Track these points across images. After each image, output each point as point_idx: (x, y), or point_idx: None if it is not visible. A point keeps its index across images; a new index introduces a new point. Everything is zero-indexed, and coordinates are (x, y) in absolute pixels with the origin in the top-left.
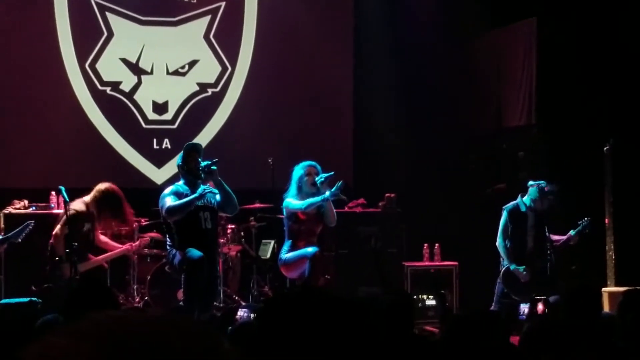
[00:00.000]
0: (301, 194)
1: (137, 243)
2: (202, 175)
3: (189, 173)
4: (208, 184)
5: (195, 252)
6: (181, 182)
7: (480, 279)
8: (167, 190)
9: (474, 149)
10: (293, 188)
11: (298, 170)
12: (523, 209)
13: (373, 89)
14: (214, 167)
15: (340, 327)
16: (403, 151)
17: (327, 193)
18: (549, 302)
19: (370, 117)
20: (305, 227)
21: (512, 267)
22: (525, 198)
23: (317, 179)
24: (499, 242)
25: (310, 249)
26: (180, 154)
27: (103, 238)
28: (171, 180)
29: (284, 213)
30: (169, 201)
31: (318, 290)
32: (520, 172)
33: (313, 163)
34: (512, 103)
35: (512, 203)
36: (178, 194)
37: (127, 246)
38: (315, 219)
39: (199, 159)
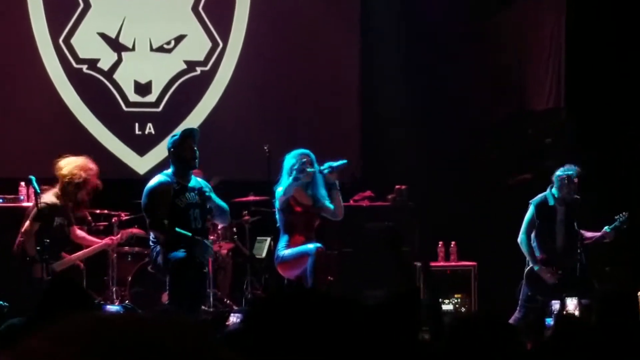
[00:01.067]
0: (295, 184)
1: (117, 236)
2: (195, 166)
3: (181, 162)
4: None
5: (180, 252)
6: (170, 171)
7: (502, 281)
8: (153, 182)
9: (494, 135)
10: (285, 179)
11: (289, 160)
12: (552, 202)
13: (382, 69)
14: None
15: (337, 332)
16: (415, 138)
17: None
18: (581, 303)
19: (379, 99)
20: (301, 219)
21: (537, 267)
22: (553, 190)
23: (324, 167)
24: (521, 238)
25: (312, 245)
26: (172, 137)
27: (80, 233)
28: (155, 170)
29: (276, 205)
30: (155, 207)
31: (313, 291)
32: (546, 160)
33: (306, 151)
34: (537, 84)
35: (539, 196)
36: (163, 191)
37: (106, 240)
38: (313, 211)
39: (195, 148)
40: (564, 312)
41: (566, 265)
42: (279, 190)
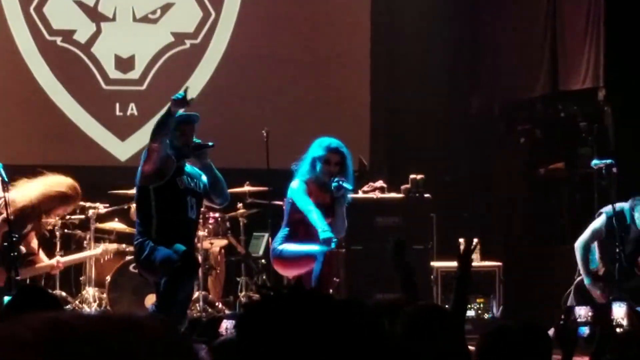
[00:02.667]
0: (312, 176)
1: (62, 262)
2: (190, 155)
3: (173, 149)
4: (191, 165)
5: (182, 251)
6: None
7: (531, 284)
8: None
9: (521, 118)
10: (305, 164)
11: (317, 149)
12: (628, 220)
13: (396, 41)
14: (210, 144)
15: (342, 341)
16: (432, 121)
17: (327, 236)
18: (636, 312)
19: (391, 77)
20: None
21: (588, 281)
22: (635, 213)
23: (333, 182)
24: (580, 244)
25: (319, 247)
26: None
27: (34, 244)
28: (138, 156)
29: (288, 197)
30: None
31: (315, 294)
32: (581, 147)
33: (338, 147)
34: (572, 60)
35: (614, 207)
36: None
37: (52, 262)
38: (326, 209)
39: (193, 135)
40: (612, 321)
41: (622, 287)
42: (295, 188)
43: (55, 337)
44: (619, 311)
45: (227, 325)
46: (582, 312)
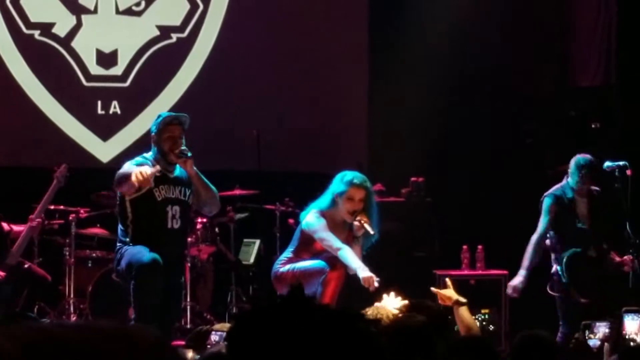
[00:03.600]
0: (332, 212)
1: (36, 221)
2: (175, 162)
3: (159, 152)
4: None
5: (147, 253)
6: (150, 155)
7: (539, 294)
8: (130, 162)
9: (529, 117)
10: (325, 201)
11: (340, 185)
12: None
13: (395, 38)
14: (189, 154)
15: (338, 354)
16: (434, 121)
17: (363, 271)
18: None
19: (391, 75)
20: (326, 252)
21: (522, 272)
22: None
23: (355, 222)
24: (534, 238)
25: (321, 263)
26: (157, 118)
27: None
28: (121, 158)
29: (304, 227)
30: (122, 170)
31: (310, 302)
32: (592, 148)
33: (363, 183)
34: (583, 56)
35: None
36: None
37: (27, 226)
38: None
39: (182, 138)
40: (625, 336)
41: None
42: (312, 218)
43: (38, 347)
44: (631, 325)
45: (215, 338)
46: (601, 328)
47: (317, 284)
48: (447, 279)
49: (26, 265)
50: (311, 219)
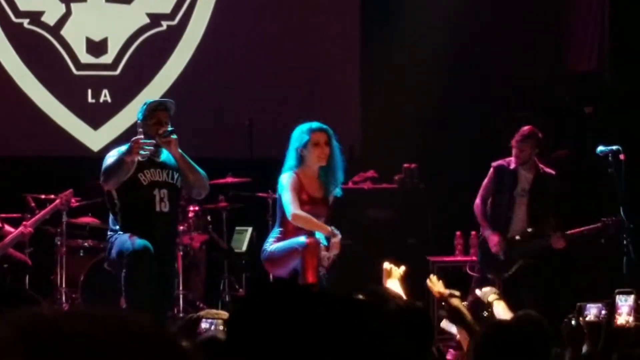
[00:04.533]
0: (303, 167)
1: (28, 230)
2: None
3: (147, 137)
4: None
5: (138, 240)
6: None
7: (532, 277)
8: (114, 151)
9: (523, 103)
10: (291, 159)
11: (300, 136)
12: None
13: (387, 24)
14: (173, 135)
15: (338, 338)
16: (428, 107)
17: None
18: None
19: (383, 60)
20: (304, 210)
21: (486, 231)
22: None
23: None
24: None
25: (302, 238)
26: (143, 104)
27: None
28: (112, 146)
29: (278, 192)
30: (109, 162)
31: (307, 288)
32: (586, 133)
33: (324, 127)
34: (577, 42)
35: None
36: None
37: (18, 231)
38: (322, 204)
39: (168, 123)
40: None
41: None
42: (284, 183)
43: (36, 335)
44: (624, 307)
45: (206, 326)
46: (593, 310)
47: (298, 262)
48: (431, 276)
49: (5, 265)
50: (282, 179)
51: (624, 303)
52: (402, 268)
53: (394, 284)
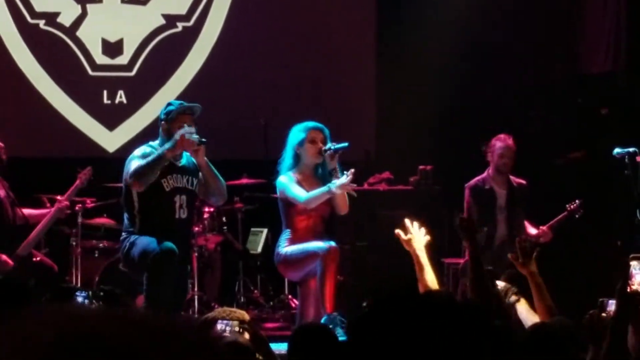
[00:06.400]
0: (299, 167)
1: (65, 195)
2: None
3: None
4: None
5: (164, 241)
6: (156, 143)
7: (548, 282)
8: (137, 151)
9: (537, 105)
10: (288, 158)
11: (297, 134)
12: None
13: (404, 24)
14: (203, 141)
15: (460, 347)
16: (442, 109)
17: (333, 183)
18: None
19: (399, 62)
20: (307, 209)
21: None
22: None
23: (324, 148)
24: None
25: (322, 244)
26: (167, 105)
27: (26, 211)
28: (127, 147)
29: (278, 193)
30: (135, 164)
31: (432, 297)
32: (601, 135)
33: (320, 126)
34: (591, 43)
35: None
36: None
37: (55, 207)
38: (324, 201)
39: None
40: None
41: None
42: (283, 181)
43: (73, 339)
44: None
45: (221, 327)
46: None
47: (315, 266)
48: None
49: (37, 259)
50: (281, 180)
51: (638, 272)
52: (423, 232)
53: (422, 256)
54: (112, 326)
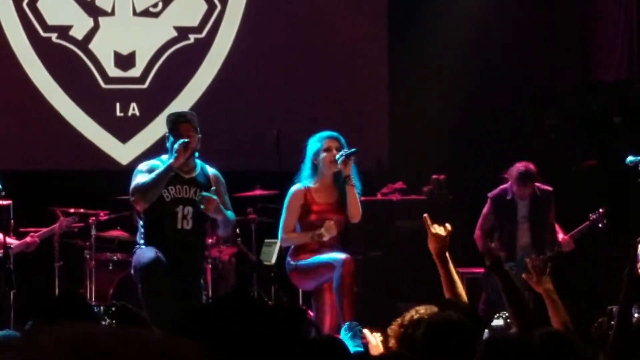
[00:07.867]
0: (318, 176)
1: (38, 234)
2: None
3: (171, 151)
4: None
5: (148, 254)
6: (166, 157)
7: (564, 293)
8: (143, 165)
9: (551, 112)
10: (307, 168)
11: (314, 144)
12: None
13: (415, 35)
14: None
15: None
16: (456, 118)
17: (318, 235)
18: None
19: (410, 71)
20: (320, 220)
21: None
22: None
23: (337, 156)
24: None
25: (337, 254)
26: (166, 121)
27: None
28: (140, 160)
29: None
30: (139, 179)
31: (257, 300)
32: (615, 143)
33: (335, 134)
34: (605, 50)
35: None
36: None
37: (26, 239)
38: (336, 209)
39: (191, 136)
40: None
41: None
42: (287, 198)
43: (81, 355)
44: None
45: None
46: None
47: (329, 276)
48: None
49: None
50: (288, 195)
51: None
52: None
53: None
54: (123, 347)
